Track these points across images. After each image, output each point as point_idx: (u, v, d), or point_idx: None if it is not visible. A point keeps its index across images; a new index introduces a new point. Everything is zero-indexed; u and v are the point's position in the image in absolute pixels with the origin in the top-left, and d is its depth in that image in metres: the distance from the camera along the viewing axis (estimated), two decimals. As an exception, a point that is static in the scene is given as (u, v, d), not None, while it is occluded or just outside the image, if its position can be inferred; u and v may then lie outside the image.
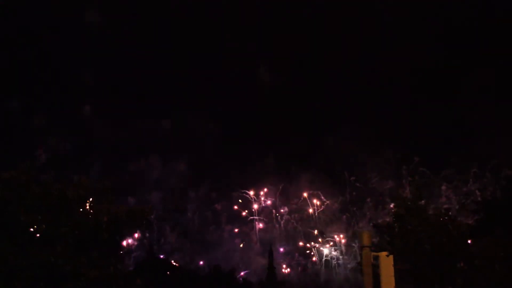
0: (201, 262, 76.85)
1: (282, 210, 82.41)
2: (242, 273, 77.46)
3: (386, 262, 21.23)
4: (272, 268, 72.00)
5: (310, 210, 79.69)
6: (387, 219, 38.49)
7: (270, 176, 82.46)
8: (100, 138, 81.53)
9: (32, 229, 28.41)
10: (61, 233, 28.30)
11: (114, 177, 78.39)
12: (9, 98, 77.08)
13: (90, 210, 30.06)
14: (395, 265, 21.36)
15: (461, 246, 32.70)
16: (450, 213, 35.44)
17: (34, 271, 27.28)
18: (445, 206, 63.63)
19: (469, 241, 34.66)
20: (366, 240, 21.92)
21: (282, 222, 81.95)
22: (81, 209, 29.75)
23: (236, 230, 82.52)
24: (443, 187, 72.67)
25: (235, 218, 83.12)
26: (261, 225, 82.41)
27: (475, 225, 40.58)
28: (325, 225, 79.36)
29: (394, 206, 35.88)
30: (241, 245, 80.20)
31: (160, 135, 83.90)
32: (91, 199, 30.42)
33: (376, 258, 21.49)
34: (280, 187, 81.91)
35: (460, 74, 78.19)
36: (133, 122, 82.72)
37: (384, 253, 21.61)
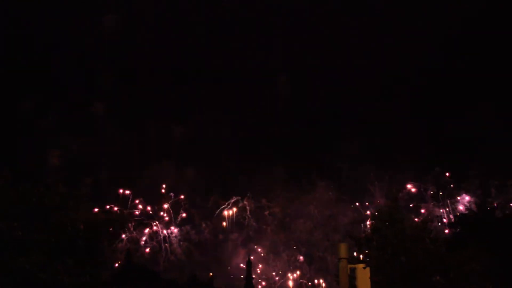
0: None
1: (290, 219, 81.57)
2: None
3: (363, 274, 21.42)
4: (249, 279, 72.03)
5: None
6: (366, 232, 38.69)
7: (281, 185, 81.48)
8: (112, 141, 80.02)
9: (7, 236, 28.02)
10: (38, 240, 27.99)
11: (124, 181, 78.05)
12: (20, 98, 75.30)
13: (67, 217, 29.80)
14: (371, 277, 21.58)
15: (437, 259, 32.92)
16: (426, 226, 35.64)
17: (8, 279, 26.92)
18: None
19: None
20: (343, 252, 22.10)
21: (290, 231, 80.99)
22: (57, 217, 29.48)
23: (241, 239, 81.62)
24: (463, 199, 71.35)
25: (242, 226, 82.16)
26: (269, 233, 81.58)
27: (451, 239, 40.94)
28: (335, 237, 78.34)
29: (371, 218, 36.09)
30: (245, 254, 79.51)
31: (173, 139, 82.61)
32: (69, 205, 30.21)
33: (353, 270, 21.68)
34: (291, 197, 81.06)
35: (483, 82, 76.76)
36: (146, 125, 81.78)
37: (361, 265, 21.81)
